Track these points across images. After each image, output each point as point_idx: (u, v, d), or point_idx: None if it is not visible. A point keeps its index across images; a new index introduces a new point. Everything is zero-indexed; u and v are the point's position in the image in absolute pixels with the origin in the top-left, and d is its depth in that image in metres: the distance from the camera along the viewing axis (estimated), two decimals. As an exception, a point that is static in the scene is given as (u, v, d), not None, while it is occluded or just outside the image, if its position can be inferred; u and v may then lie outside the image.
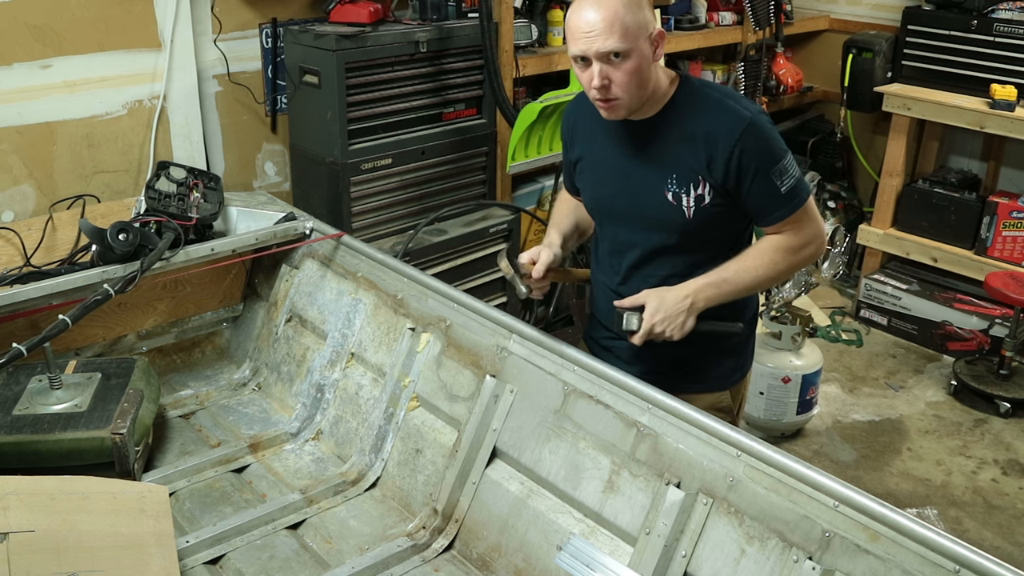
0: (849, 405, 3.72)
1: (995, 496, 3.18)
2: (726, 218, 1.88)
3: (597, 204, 2.00)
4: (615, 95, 1.76)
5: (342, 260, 2.56)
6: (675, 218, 1.85)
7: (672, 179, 1.84)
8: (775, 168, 1.80)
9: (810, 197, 1.86)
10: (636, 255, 1.94)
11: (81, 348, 2.56)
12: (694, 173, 1.82)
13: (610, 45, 1.70)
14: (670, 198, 1.84)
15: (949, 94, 4.09)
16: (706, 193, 1.83)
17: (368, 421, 2.32)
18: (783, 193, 1.81)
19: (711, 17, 4.34)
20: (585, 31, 1.72)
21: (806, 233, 1.86)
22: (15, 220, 2.73)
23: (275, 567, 1.98)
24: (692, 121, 1.83)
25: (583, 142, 2.00)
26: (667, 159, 1.85)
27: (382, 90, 3.11)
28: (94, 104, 2.86)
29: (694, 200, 1.84)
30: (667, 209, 1.85)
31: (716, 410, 1.99)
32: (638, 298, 1.84)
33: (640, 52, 1.74)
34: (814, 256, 1.92)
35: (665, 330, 1.80)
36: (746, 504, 1.63)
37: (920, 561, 1.43)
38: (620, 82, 1.74)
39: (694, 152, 1.82)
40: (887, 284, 4.28)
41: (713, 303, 1.84)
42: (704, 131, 1.81)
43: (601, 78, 1.73)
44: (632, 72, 1.74)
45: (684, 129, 1.84)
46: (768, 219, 1.85)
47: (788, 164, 1.82)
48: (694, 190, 1.83)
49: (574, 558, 1.80)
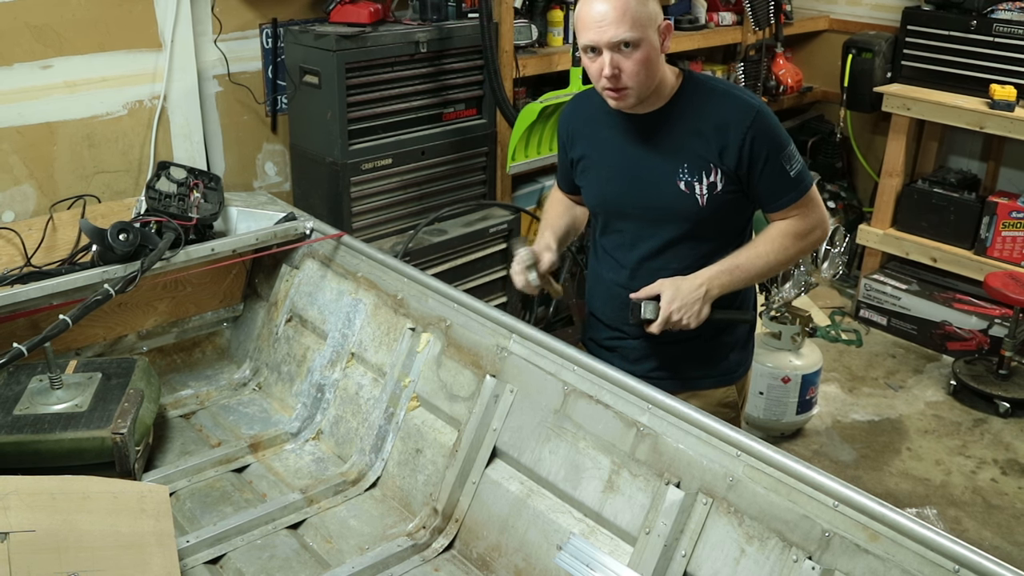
0: (849, 405, 3.72)
1: (994, 496, 3.18)
2: (736, 206, 1.92)
3: (603, 200, 2.01)
4: (625, 84, 1.79)
5: (342, 260, 2.56)
6: (688, 206, 1.88)
7: (684, 168, 1.87)
8: (784, 153, 1.85)
9: (814, 183, 1.92)
10: (646, 248, 1.95)
11: (81, 348, 2.56)
12: (706, 161, 1.85)
13: (621, 34, 1.74)
14: (683, 187, 1.87)
15: (949, 94, 4.09)
16: (718, 180, 1.86)
17: (368, 421, 2.32)
18: (792, 177, 1.87)
19: (711, 17, 4.34)
20: (596, 20, 1.76)
21: (812, 218, 1.91)
22: (15, 220, 2.74)
23: (275, 567, 1.98)
24: (701, 111, 1.87)
25: (584, 141, 2.01)
26: (677, 149, 1.87)
27: (382, 90, 3.12)
28: (94, 104, 2.86)
29: (707, 187, 1.86)
30: (680, 198, 1.87)
31: (724, 405, 2.01)
32: (652, 288, 1.87)
33: (649, 42, 1.78)
34: (820, 241, 1.96)
35: (682, 318, 1.83)
36: (746, 504, 1.63)
37: (919, 561, 1.43)
38: (630, 71, 1.78)
39: (705, 141, 1.85)
40: (887, 284, 4.29)
41: (727, 290, 1.87)
42: (714, 120, 1.85)
43: (612, 67, 1.77)
44: (642, 62, 1.77)
45: (693, 119, 1.87)
46: (778, 203, 1.89)
47: (793, 151, 1.88)
48: (707, 177, 1.86)
49: (574, 558, 1.81)
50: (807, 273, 3.38)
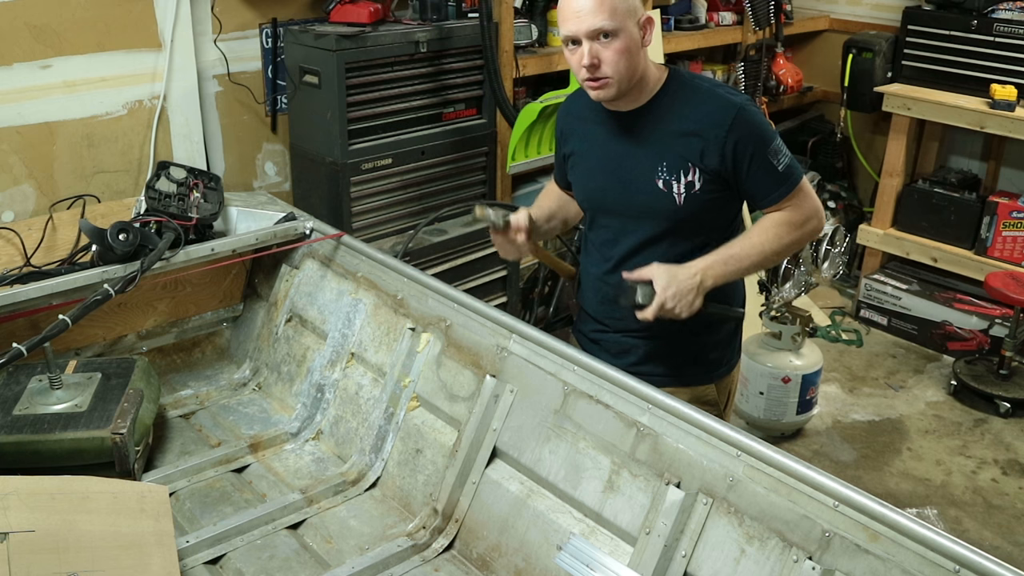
0: (849, 405, 3.72)
1: (995, 496, 3.18)
2: (716, 206, 1.91)
3: (588, 195, 2.04)
4: (604, 74, 1.80)
5: (342, 260, 2.56)
6: (666, 205, 1.88)
7: (663, 167, 1.87)
8: (770, 148, 1.85)
9: (804, 175, 1.91)
10: (627, 245, 1.96)
11: (81, 348, 2.56)
12: (684, 160, 1.86)
13: (599, 23, 1.75)
14: (660, 185, 1.88)
15: (949, 94, 4.09)
16: (696, 180, 1.86)
17: (368, 421, 2.32)
18: (781, 172, 1.86)
19: (711, 17, 4.34)
20: (575, 11, 1.77)
21: (806, 208, 1.90)
22: (15, 220, 2.73)
23: (275, 567, 1.98)
24: (682, 110, 1.87)
25: (575, 137, 2.04)
26: (658, 147, 1.88)
27: (382, 90, 3.12)
28: (94, 104, 2.86)
29: (684, 187, 1.87)
30: (657, 196, 1.88)
31: (703, 403, 2.00)
32: (645, 272, 1.84)
33: (629, 33, 1.78)
34: (815, 232, 1.95)
35: (676, 307, 1.81)
36: (746, 504, 1.63)
37: (920, 561, 1.43)
38: (609, 61, 1.78)
39: (685, 140, 1.86)
40: (887, 284, 4.28)
41: (721, 282, 1.86)
42: (695, 119, 1.85)
43: (591, 57, 1.78)
44: (621, 52, 1.78)
45: (675, 118, 1.87)
46: (769, 199, 1.89)
47: (780, 144, 1.87)
48: (684, 177, 1.86)
49: (574, 558, 1.80)
50: (807, 273, 3.38)
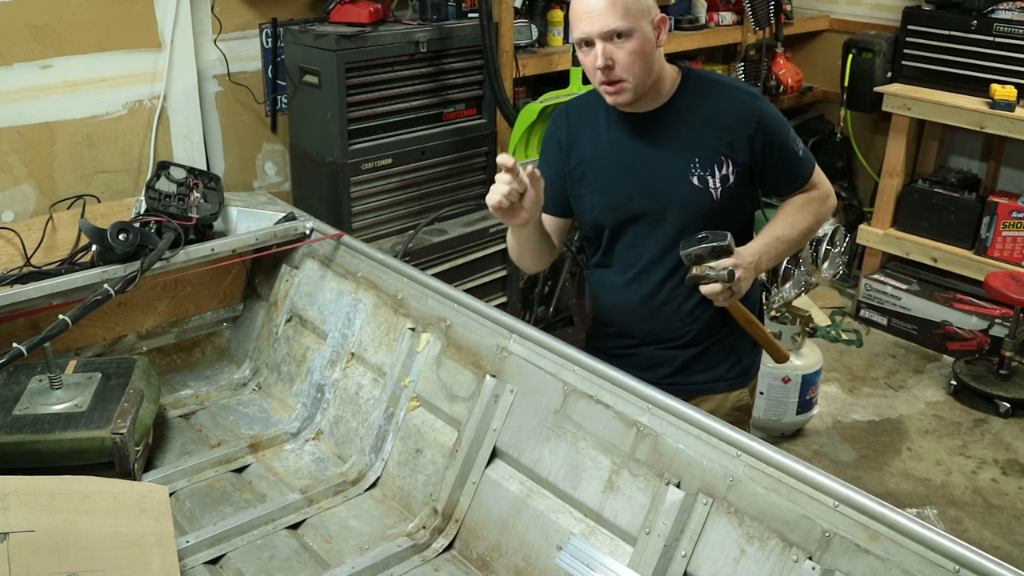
0: (849, 405, 3.72)
1: (995, 496, 3.18)
2: (743, 198, 1.94)
3: (611, 203, 1.94)
4: (619, 76, 1.77)
5: (342, 260, 2.56)
6: (702, 200, 1.87)
7: (695, 163, 1.86)
8: (790, 135, 1.90)
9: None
10: (655, 247, 1.93)
11: (81, 348, 2.56)
12: (718, 154, 1.86)
13: (612, 24, 1.73)
14: (696, 181, 1.86)
15: (949, 94, 4.10)
16: (731, 173, 1.87)
17: (368, 421, 2.32)
18: (802, 157, 1.92)
19: (711, 17, 4.34)
20: (587, 12, 1.75)
21: (824, 185, 1.98)
22: (15, 220, 2.73)
23: (275, 567, 1.97)
24: (706, 106, 1.87)
25: (584, 145, 1.98)
26: (687, 144, 1.87)
27: (382, 90, 3.11)
28: (94, 104, 2.86)
29: (720, 180, 1.87)
30: (694, 193, 1.87)
31: (738, 409, 2.02)
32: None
33: (643, 33, 1.76)
34: (834, 206, 2.01)
35: (742, 288, 1.82)
36: (746, 504, 1.63)
37: (920, 561, 1.43)
38: (623, 62, 1.76)
39: (714, 134, 1.85)
40: (887, 284, 4.29)
41: (771, 264, 1.92)
42: (721, 114, 1.86)
43: (604, 58, 1.75)
44: (635, 52, 1.75)
45: (699, 114, 1.87)
46: (796, 183, 1.94)
47: (793, 130, 1.93)
48: (719, 170, 1.86)
49: (574, 558, 1.80)
50: (807, 273, 3.38)
